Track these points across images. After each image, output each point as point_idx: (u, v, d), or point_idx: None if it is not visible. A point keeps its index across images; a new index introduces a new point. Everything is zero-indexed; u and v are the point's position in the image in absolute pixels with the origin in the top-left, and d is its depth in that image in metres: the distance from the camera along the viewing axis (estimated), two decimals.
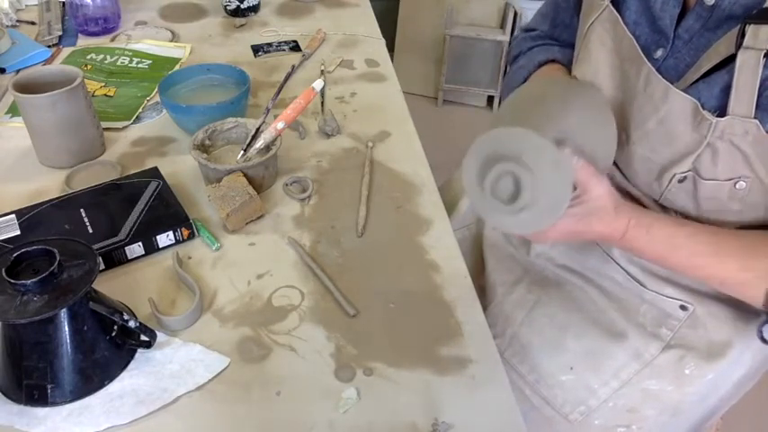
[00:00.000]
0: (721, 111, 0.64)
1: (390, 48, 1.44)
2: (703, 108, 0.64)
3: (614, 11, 0.73)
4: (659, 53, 0.71)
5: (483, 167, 0.61)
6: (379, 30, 1.33)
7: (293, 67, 1.16)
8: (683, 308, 0.78)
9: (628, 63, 0.72)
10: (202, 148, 0.90)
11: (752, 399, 0.94)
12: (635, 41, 0.71)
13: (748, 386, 0.86)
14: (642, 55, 0.70)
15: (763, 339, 0.69)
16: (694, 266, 0.69)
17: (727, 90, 0.62)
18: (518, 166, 0.59)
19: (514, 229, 0.65)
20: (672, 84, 0.67)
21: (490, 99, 2.64)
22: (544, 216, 0.60)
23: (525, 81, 0.90)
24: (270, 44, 1.26)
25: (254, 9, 1.37)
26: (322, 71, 1.18)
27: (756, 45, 0.60)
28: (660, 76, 0.67)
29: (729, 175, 0.66)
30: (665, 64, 0.71)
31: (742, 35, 0.60)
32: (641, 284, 0.79)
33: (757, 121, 0.62)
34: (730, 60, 0.62)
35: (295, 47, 1.26)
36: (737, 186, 0.67)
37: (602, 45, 0.75)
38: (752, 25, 0.60)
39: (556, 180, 0.58)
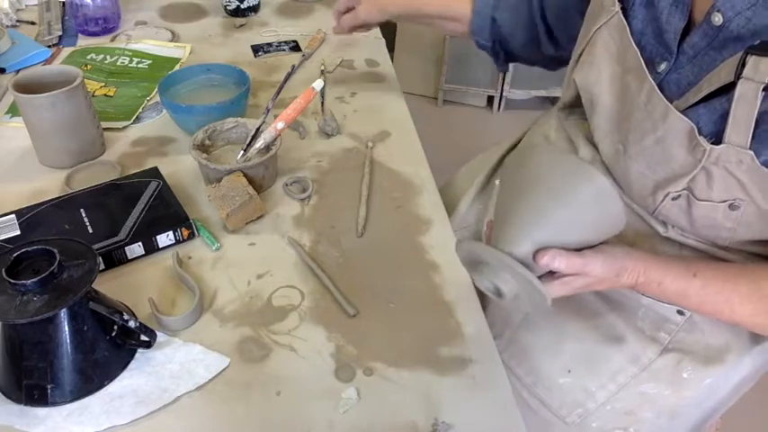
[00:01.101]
0: (718, 137, 0.62)
1: (390, 48, 1.44)
2: (700, 133, 0.63)
3: (623, 19, 0.71)
4: (663, 66, 0.69)
5: (469, 267, 0.65)
6: (379, 30, 1.33)
7: (293, 67, 1.16)
8: (680, 313, 0.77)
9: (631, 75, 0.71)
10: (202, 148, 0.90)
11: (752, 399, 0.94)
12: (639, 54, 0.69)
13: (746, 388, 0.86)
14: (646, 70, 0.68)
15: None
16: (706, 312, 0.69)
17: (725, 117, 0.61)
18: (492, 274, 0.61)
19: (516, 310, 0.68)
20: (673, 100, 0.66)
21: (490, 99, 2.64)
22: (532, 307, 0.63)
23: None
24: (270, 44, 1.26)
25: (254, 9, 1.37)
26: (322, 71, 1.18)
27: (756, 77, 0.58)
28: (661, 95, 0.66)
29: (724, 198, 0.65)
30: (667, 78, 0.69)
31: (742, 65, 0.59)
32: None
33: (752, 153, 0.60)
34: (731, 87, 0.60)
35: (295, 47, 1.26)
36: (732, 208, 0.66)
37: (607, 52, 0.74)
38: (753, 56, 0.58)
39: (527, 285, 0.60)
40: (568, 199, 0.60)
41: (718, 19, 0.63)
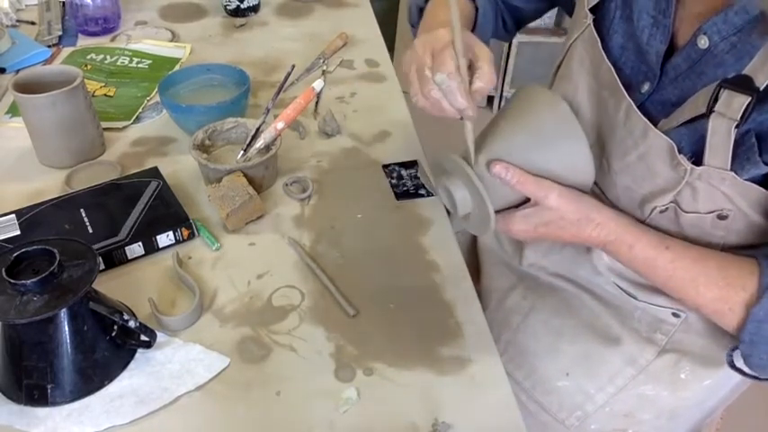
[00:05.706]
0: (699, 156, 0.62)
1: (390, 48, 1.44)
2: (680, 152, 0.62)
3: (594, 33, 0.70)
4: (646, 87, 0.68)
5: (437, 179, 0.68)
6: (379, 30, 1.33)
7: (293, 66, 1.16)
8: (675, 315, 0.77)
9: (607, 91, 0.70)
10: (202, 148, 0.90)
11: (752, 399, 0.94)
12: (613, 70, 0.68)
13: (746, 387, 0.86)
14: (622, 89, 0.67)
15: (731, 365, 0.69)
16: (671, 289, 0.68)
17: (705, 138, 0.60)
18: (449, 182, 0.65)
19: (470, 230, 0.70)
20: (659, 119, 0.65)
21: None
22: (481, 224, 0.65)
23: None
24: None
25: (254, 9, 1.37)
26: (323, 71, 1.18)
27: (728, 114, 0.57)
28: (640, 114, 0.65)
29: (711, 209, 0.65)
30: (651, 98, 0.68)
31: (716, 98, 0.58)
32: (632, 296, 0.78)
33: (733, 173, 0.60)
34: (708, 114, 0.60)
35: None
36: (720, 218, 0.66)
37: (582, 66, 0.73)
38: (726, 90, 0.57)
39: (476, 195, 0.62)
40: (528, 119, 0.63)
41: (704, 42, 0.62)
